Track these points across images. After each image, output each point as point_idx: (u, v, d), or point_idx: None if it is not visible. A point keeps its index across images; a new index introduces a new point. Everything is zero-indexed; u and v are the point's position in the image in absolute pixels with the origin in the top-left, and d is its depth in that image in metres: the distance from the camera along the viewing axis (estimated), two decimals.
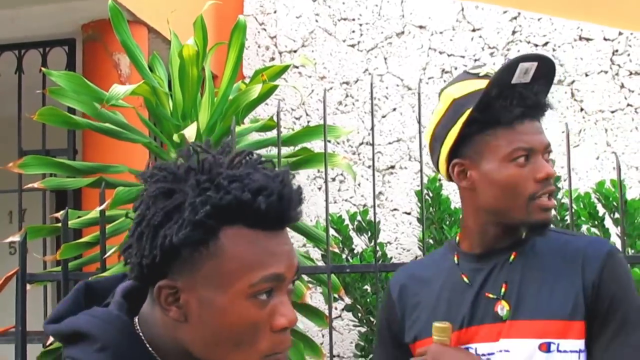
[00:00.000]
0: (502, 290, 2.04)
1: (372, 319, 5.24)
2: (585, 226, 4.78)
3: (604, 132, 6.10)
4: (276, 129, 3.54)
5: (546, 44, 6.29)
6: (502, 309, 2.03)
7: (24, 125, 5.46)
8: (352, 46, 6.66)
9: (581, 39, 6.23)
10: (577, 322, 2.00)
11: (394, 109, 6.51)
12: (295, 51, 6.87)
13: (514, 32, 6.34)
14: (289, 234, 1.45)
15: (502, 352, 2.00)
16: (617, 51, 6.16)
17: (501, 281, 2.05)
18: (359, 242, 5.80)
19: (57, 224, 3.87)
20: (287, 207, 1.41)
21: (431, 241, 5.20)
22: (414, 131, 6.35)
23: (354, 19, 6.67)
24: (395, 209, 6.44)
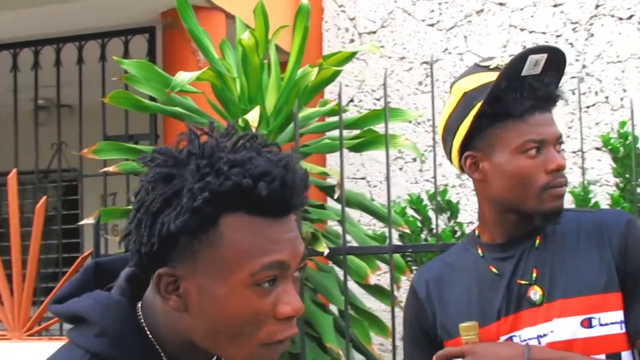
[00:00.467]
0: (534, 275, 2.05)
1: None
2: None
3: None
4: (343, 110, 3.58)
5: (631, 17, 6.16)
6: (535, 293, 2.03)
7: (109, 112, 5.62)
8: (432, 25, 6.64)
9: None
10: (613, 293, 2.01)
11: None
12: (374, 32, 6.88)
13: (598, 6, 6.23)
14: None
15: (546, 335, 2.01)
16: None
17: (531, 267, 2.06)
18: (439, 223, 5.80)
19: (129, 207, 3.99)
20: (290, 193, 1.35)
21: None
22: None
23: None
24: None
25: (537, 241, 2.08)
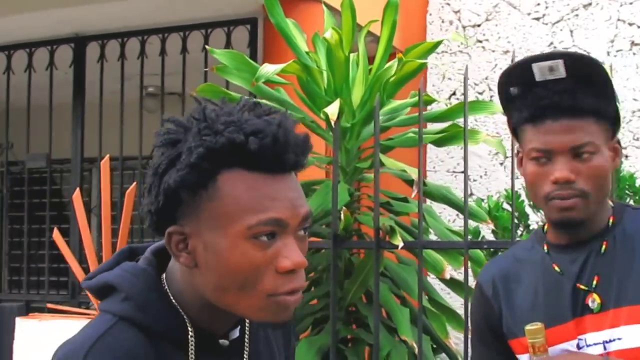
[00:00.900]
0: (594, 283, 2.00)
1: None
2: None
3: None
4: (434, 103, 3.58)
5: None
6: (594, 302, 1.99)
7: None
8: (537, 19, 6.54)
9: None
10: None
11: None
12: (479, 25, 6.83)
13: None
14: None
15: (613, 341, 1.96)
16: None
17: (593, 273, 2.01)
18: (536, 219, 5.73)
19: None
20: (283, 150, 1.41)
21: None
22: None
23: None
24: None
25: (604, 247, 2.03)
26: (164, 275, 1.53)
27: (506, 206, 5.73)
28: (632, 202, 4.58)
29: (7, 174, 7.23)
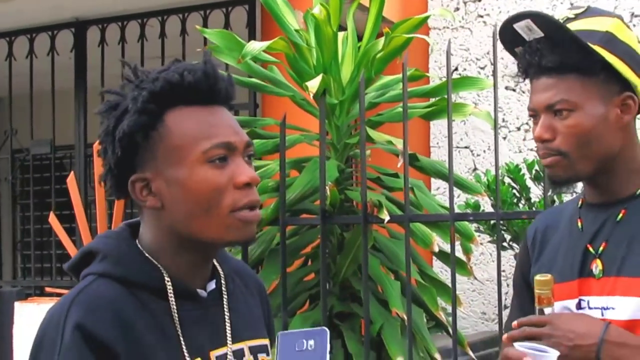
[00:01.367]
0: (601, 248, 1.99)
1: None
2: None
3: None
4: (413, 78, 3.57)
5: None
6: (596, 267, 1.98)
7: None
8: None
9: None
10: None
11: None
12: (479, 0, 6.81)
13: None
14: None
15: (608, 309, 1.95)
16: None
17: (603, 239, 2.00)
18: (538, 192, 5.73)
19: None
20: (214, 81, 1.62)
21: None
22: None
23: None
24: None
25: (621, 215, 2.00)
26: (137, 240, 1.67)
27: (507, 179, 5.74)
28: None
29: (12, 162, 7.25)
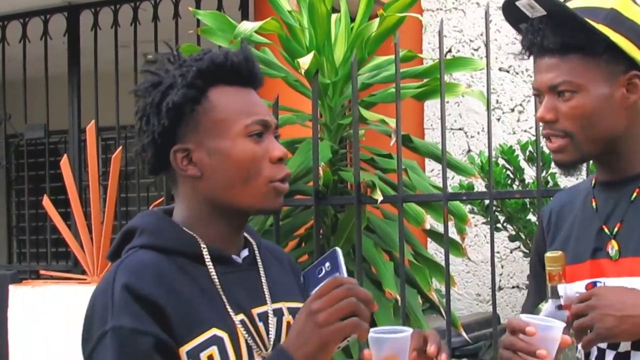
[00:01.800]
0: (616, 229, 1.95)
1: None
2: None
3: None
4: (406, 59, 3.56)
5: None
6: (612, 248, 1.94)
7: None
8: None
9: None
10: None
11: None
12: None
13: None
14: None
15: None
16: None
17: (617, 219, 1.96)
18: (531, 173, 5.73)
19: None
20: (252, 65, 1.77)
21: None
22: None
23: None
24: None
25: (635, 194, 1.96)
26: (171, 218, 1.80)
27: (501, 161, 5.74)
28: None
29: (6, 147, 7.25)
